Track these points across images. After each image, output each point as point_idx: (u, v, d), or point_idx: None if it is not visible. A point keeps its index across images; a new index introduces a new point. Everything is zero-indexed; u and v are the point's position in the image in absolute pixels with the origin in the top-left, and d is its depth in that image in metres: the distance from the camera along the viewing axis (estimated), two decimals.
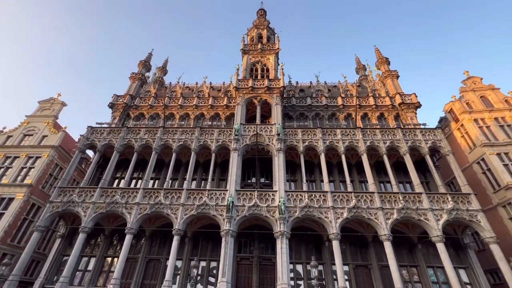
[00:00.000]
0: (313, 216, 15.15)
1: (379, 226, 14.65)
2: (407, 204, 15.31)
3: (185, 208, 15.45)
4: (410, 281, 16.14)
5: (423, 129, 18.97)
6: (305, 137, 18.47)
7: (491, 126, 20.79)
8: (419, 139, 18.26)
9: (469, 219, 14.89)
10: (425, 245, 16.65)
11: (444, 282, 15.50)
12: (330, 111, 23.64)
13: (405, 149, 17.69)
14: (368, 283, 16.04)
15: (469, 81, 24.11)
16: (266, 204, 15.36)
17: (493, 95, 22.63)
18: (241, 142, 18.22)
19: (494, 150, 19.37)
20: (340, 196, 15.79)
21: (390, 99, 23.62)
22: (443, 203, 15.39)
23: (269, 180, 19.28)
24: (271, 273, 15.80)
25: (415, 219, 14.97)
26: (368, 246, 17.07)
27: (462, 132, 22.12)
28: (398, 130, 18.70)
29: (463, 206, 15.26)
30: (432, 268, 16.35)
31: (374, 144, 18.13)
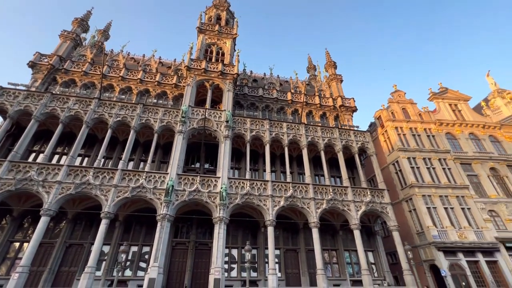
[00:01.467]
0: (252, 203, 15.77)
1: (310, 214, 16.17)
2: (335, 196, 17.22)
3: (118, 190, 14.25)
4: (329, 262, 18.45)
5: (356, 131, 21.36)
6: (253, 127, 18.83)
7: (406, 134, 24.73)
8: (352, 139, 20.54)
9: (381, 210, 17.65)
10: (344, 231, 19.14)
11: (356, 262, 18.20)
12: (279, 104, 24.55)
13: (339, 147, 19.70)
14: (295, 264, 17.73)
15: (396, 94, 27.99)
16: (208, 189, 15.30)
17: (411, 108, 26.84)
18: (187, 125, 17.53)
19: (405, 154, 23.17)
20: (279, 186, 16.77)
21: (333, 101, 25.80)
22: (363, 196, 17.83)
23: (213, 166, 19.19)
24: (206, 257, 16.01)
25: (340, 209, 17.00)
26: (299, 232, 18.75)
27: (385, 137, 25.74)
28: (336, 129, 20.64)
29: (377, 200, 17.97)
30: (348, 251, 19.00)
31: (315, 140, 19.66)
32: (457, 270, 18.03)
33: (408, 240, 19.22)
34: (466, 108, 27.91)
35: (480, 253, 18.78)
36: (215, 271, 13.01)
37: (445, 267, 17.70)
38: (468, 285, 17.48)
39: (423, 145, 24.14)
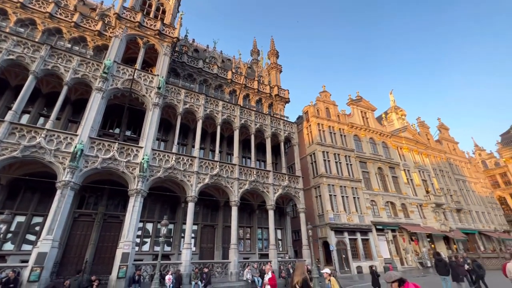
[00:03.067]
0: (176, 178, 15.27)
1: (232, 193, 16.86)
2: (258, 178, 18.40)
3: (3, 147, 11.38)
4: (243, 238, 19.94)
5: (286, 121, 23.01)
6: (187, 99, 17.85)
7: (325, 131, 28.23)
8: (281, 128, 22.05)
9: (294, 194, 19.93)
10: (260, 211, 20.86)
11: (266, 238, 20.25)
12: (218, 81, 23.93)
13: (269, 133, 20.89)
14: (210, 239, 18.42)
15: (323, 94, 31.28)
16: (127, 159, 13.92)
17: (333, 109, 30.59)
18: (110, 83, 15.19)
19: (322, 148, 26.55)
20: (206, 163, 16.72)
21: (270, 89, 26.83)
22: (282, 181, 19.67)
23: (136, 135, 17.50)
24: (116, 230, 14.87)
25: (260, 190, 18.33)
26: (219, 209, 19.39)
27: (308, 130, 28.71)
28: (268, 117, 21.70)
29: (293, 185, 20.16)
30: (261, 228, 20.90)
31: (248, 123, 20.20)
32: (341, 246, 22.34)
33: (311, 221, 22.48)
34: (372, 116, 33.67)
35: (359, 232, 23.72)
36: (125, 245, 12.25)
37: (333, 243, 21.65)
38: (346, 257, 21.97)
39: (336, 142, 28.08)
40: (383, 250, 24.28)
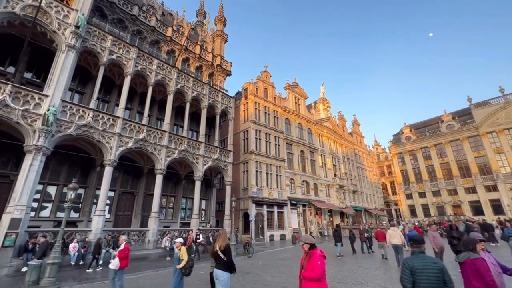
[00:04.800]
0: (92, 138, 13.35)
1: (159, 161, 15.97)
2: (189, 148, 17.90)
3: None
4: (166, 207, 19.51)
5: (225, 95, 22.63)
6: (115, 49, 15.28)
7: (261, 111, 29.22)
8: (219, 100, 21.63)
9: (223, 167, 20.36)
10: (187, 181, 20.65)
11: (190, 208, 20.36)
12: (155, 36, 21.22)
13: (206, 104, 20.22)
14: (129, 207, 17.32)
15: (264, 74, 31.87)
16: (25, 107, 11.24)
17: (271, 91, 31.69)
18: (2, 4, 11.51)
19: (255, 126, 27.55)
20: (132, 126, 15.12)
21: (213, 57, 25.55)
22: (213, 153, 19.71)
23: (41, 80, 14.22)
24: (5, 192, 12.26)
25: (189, 161, 17.96)
26: (141, 176, 18.21)
27: (245, 107, 29.12)
28: (207, 86, 20.85)
29: (223, 158, 20.50)
30: (186, 198, 20.84)
31: (184, 89, 18.97)
32: (259, 217, 24.53)
33: (235, 194, 23.61)
34: (303, 104, 36.55)
35: (276, 206, 26.43)
36: (16, 210, 10.28)
37: (253, 214, 23.55)
38: (262, 226, 24.37)
39: (269, 123, 29.55)
40: (294, 221, 27.96)
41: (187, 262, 5.53)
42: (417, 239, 3.39)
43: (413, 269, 2.95)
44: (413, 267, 2.96)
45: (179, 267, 5.52)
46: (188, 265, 5.54)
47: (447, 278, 2.84)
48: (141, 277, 9.35)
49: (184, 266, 5.50)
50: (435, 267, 2.90)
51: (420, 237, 3.43)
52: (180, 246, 5.84)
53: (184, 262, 5.52)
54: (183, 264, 5.51)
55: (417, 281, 2.89)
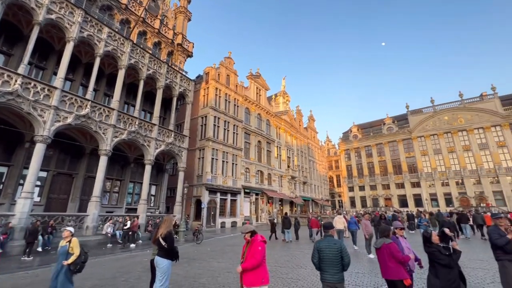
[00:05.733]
0: (19, 109, 11.45)
1: (104, 141, 14.57)
2: (140, 130, 16.68)
3: None
4: (110, 191, 18.09)
5: (184, 76, 21.49)
6: (54, 8, 13.11)
7: (221, 97, 28.65)
8: (177, 82, 20.47)
9: (177, 153, 19.60)
10: (136, 165, 19.37)
11: (138, 193, 19.23)
12: (107, 1, 18.82)
13: (162, 84, 18.96)
14: (65, 190, 15.59)
15: (228, 60, 31.14)
16: None
17: (233, 78, 31.20)
18: None
19: (214, 113, 26.97)
20: (73, 100, 13.38)
21: (174, 35, 23.89)
22: (167, 137, 18.76)
23: None
24: None
25: (140, 143, 16.79)
26: (83, 157, 16.47)
27: (205, 92, 28.19)
28: (165, 65, 19.50)
29: (178, 143, 19.69)
30: (134, 183, 19.60)
31: (138, 65, 17.43)
32: (212, 204, 24.49)
33: (189, 180, 23.07)
34: (264, 95, 36.98)
35: (230, 194, 26.67)
36: None
37: (206, 201, 23.39)
38: (214, 214, 24.42)
39: (229, 110, 29.22)
40: (246, 209, 28.67)
41: (78, 256, 4.47)
42: (327, 225, 4.23)
43: (319, 248, 3.75)
44: (319, 247, 3.76)
45: (67, 263, 4.37)
46: (79, 260, 4.49)
47: (344, 255, 3.63)
48: None
49: (74, 261, 4.43)
50: (334, 247, 3.67)
51: (330, 224, 4.24)
52: (70, 237, 4.61)
53: (74, 257, 4.44)
54: (73, 259, 4.43)
55: (321, 257, 3.70)
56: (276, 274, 7.18)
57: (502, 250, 4.36)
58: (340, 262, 3.62)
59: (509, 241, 4.30)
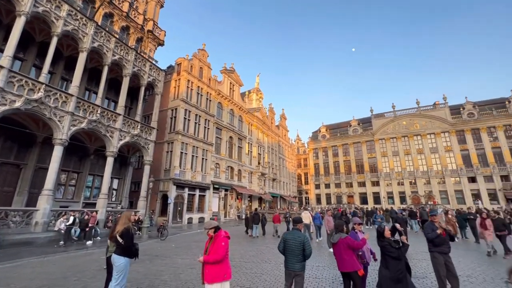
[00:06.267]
0: None
1: (59, 129, 13.32)
2: (102, 119, 15.56)
3: None
4: (65, 184, 16.67)
5: (154, 65, 20.44)
6: None
7: (193, 90, 27.83)
8: (146, 71, 19.42)
9: (143, 145, 18.67)
10: (97, 156, 18.09)
11: (98, 187, 17.98)
12: None
13: (129, 71, 17.83)
14: (10, 182, 14.03)
15: (201, 52, 30.30)
16: None
17: (206, 71, 30.47)
18: None
19: (185, 106, 26.13)
20: (23, 81, 11.98)
21: (144, 21, 22.55)
22: (133, 128, 17.76)
23: None
24: None
25: (102, 133, 15.67)
26: (33, 146, 14.94)
27: (177, 84, 27.15)
28: (133, 52, 18.35)
29: (144, 135, 18.76)
30: (93, 175, 18.28)
31: (103, 50, 16.17)
32: (179, 199, 23.83)
33: (155, 174, 22.15)
34: (238, 91, 36.75)
35: (198, 189, 26.17)
36: None
37: (173, 197, 22.69)
38: (181, 209, 23.82)
39: (201, 104, 28.54)
40: (214, 205, 28.40)
41: None
42: (295, 220, 4.64)
43: (285, 239, 4.25)
44: (286, 238, 4.26)
45: None
46: None
47: (306, 247, 4.07)
48: (19, 265, 7.79)
49: None
50: (298, 239, 4.12)
51: (299, 219, 4.66)
52: None
53: None
54: None
55: (286, 247, 4.19)
56: (241, 269, 7.25)
57: (433, 243, 4.97)
58: (301, 253, 4.06)
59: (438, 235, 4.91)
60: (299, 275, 4.05)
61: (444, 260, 4.89)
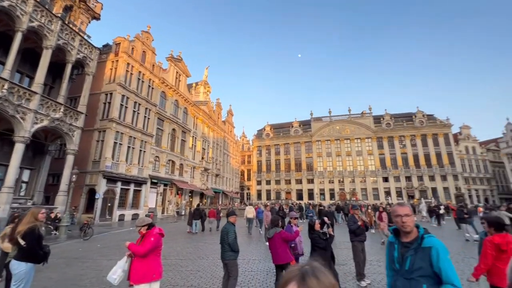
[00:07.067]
0: None
1: None
2: (10, 96, 12.82)
3: None
4: None
5: (86, 41, 17.79)
6: None
7: (133, 75, 25.27)
8: (75, 46, 16.77)
9: (66, 132, 16.14)
10: (2, 142, 14.85)
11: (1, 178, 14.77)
12: None
13: (52, 44, 15.09)
14: None
15: (145, 35, 27.71)
16: None
17: (150, 56, 28.02)
18: None
19: (123, 91, 23.53)
20: None
21: None
22: (53, 111, 15.16)
23: None
24: None
25: (10, 114, 12.92)
26: None
27: (113, 66, 24.21)
28: (58, 21, 15.58)
29: (69, 121, 16.23)
30: None
31: (16, 12, 13.26)
32: (110, 194, 21.48)
33: (81, 166, 19.42)
34: (184, 81, 35.02)
35: (134, 183, 24.05)
36: None
37: (101, 191, 20.29)
38: (112, 205, 21.52)
39: (142, 91, 26.19)
40: (151, 200, 26.54)
41: None
42: (228, 213, 5.03)
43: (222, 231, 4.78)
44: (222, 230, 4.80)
45: None
46: None
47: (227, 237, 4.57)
48: None
49: None
50: (225, 231, 4.68)
51: (230, 212, 5.05)
52: None
53: None
54: None
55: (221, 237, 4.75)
56: (175, 268, 7.00)
57: (354, 234, 5.79)
58: (227, 242, 4.53)
59: (358, 227, 5.75)
60: (227, 263, 4.53)
61: (361, 248, 5.72)
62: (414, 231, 1.98)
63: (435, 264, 1.81)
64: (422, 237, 1.93)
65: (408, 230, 1.97)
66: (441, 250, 1.83)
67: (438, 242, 1.88)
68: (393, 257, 2.03)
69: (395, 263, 2.00)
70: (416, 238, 1.95)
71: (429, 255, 1.84)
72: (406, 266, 1.90)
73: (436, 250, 1.83)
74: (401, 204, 2.07)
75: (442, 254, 1.82)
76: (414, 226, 1.99)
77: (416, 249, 1.90)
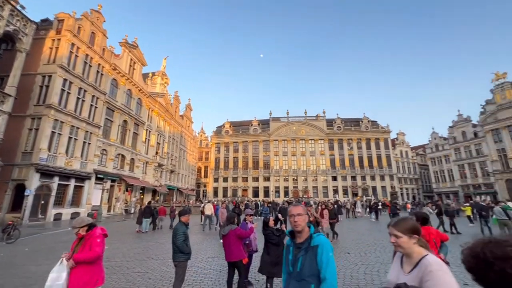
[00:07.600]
0: None
1: None
2: None
3: None
4: None
5: (18, 12, 15.63)
6: None
7: (79, 57, 22.52)
8: (4, 16, 14.33)
9: None
10: None
11: None
12: None
13: None
14: None
15: (95, 14, 24.71)
16: None
17: (100, 39, 25.30)
18: None
19: (65, 75, 20.75)
20: None
21: None
22: None
23: None
24: None
25: None
26: None
27: (54, 45, 21.21)
28: None
29: None
30: None
31: None
32: (43, 191, 18.93)
33: (7, 158, 16.73)
34: (139, 70, 32.62)
35: (75, 179, 21.58)
36: None
37: (33, 187, 17.77)
38: (46, 203, 18.99)
39: (88, 77, 23.59)
40: (96, 197, 24.16)
41: None
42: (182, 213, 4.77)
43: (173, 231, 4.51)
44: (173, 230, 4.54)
45: None
46: None
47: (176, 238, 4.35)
48: None
49: None
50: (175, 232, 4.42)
51: (182, 211, 4.78)
52: None
53: None
54: None
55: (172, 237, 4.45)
56: (120, 270, 6.56)
57: None
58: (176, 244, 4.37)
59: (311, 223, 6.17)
60: (176, 265, 4.36)
61: None
62: (306, 231, 2.03)
63: (319, 261, 1.86)
64: (311, 236, 1.98)
65: (299, 229, 2.01)
66: (325, 247, 1.89)
67: (325, 240, 1.95)
68: (288, 260, 2.06)
69: (289, 266, 2.02)
70: (307, 238, 2.00)
71: (316, 253, 1.89)
72: (297, 268, 1.93)
73: (322, 247, 1.89)
74: (295, 204, 2.17)
75: (325, 251, 1.87)
76: (306, 225, 2.03)
77: (306, 249, 1.94)
